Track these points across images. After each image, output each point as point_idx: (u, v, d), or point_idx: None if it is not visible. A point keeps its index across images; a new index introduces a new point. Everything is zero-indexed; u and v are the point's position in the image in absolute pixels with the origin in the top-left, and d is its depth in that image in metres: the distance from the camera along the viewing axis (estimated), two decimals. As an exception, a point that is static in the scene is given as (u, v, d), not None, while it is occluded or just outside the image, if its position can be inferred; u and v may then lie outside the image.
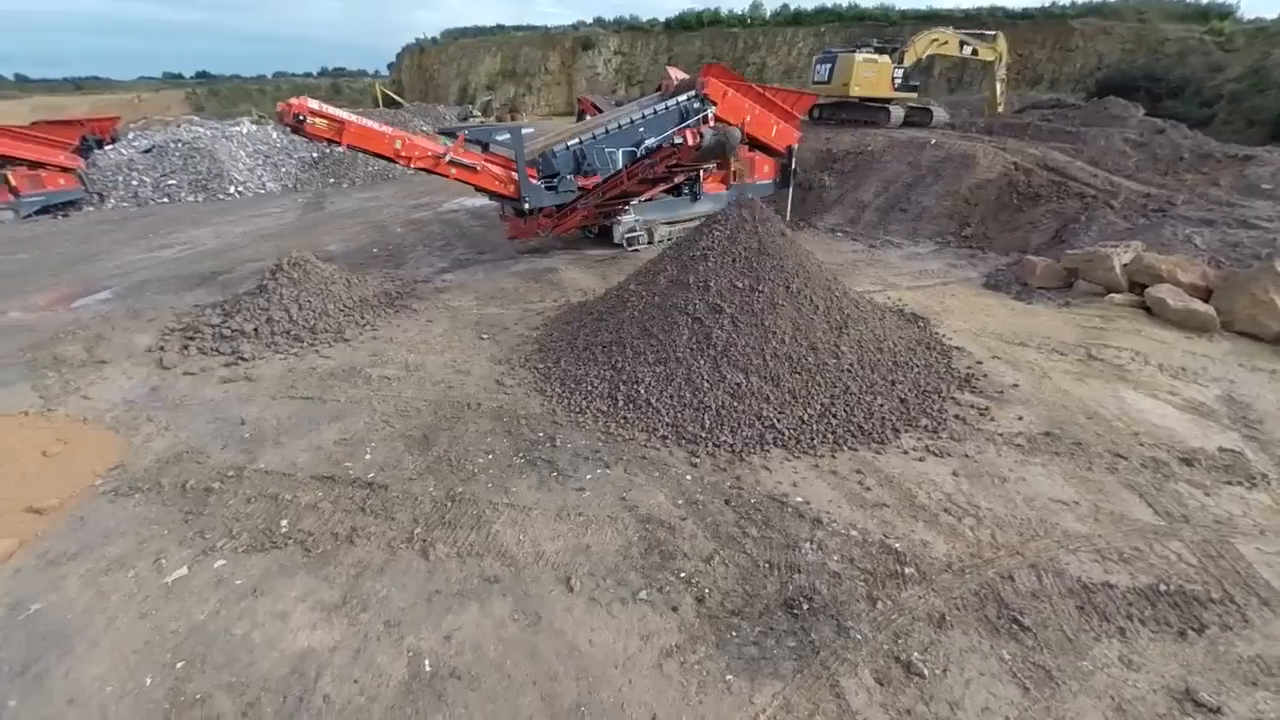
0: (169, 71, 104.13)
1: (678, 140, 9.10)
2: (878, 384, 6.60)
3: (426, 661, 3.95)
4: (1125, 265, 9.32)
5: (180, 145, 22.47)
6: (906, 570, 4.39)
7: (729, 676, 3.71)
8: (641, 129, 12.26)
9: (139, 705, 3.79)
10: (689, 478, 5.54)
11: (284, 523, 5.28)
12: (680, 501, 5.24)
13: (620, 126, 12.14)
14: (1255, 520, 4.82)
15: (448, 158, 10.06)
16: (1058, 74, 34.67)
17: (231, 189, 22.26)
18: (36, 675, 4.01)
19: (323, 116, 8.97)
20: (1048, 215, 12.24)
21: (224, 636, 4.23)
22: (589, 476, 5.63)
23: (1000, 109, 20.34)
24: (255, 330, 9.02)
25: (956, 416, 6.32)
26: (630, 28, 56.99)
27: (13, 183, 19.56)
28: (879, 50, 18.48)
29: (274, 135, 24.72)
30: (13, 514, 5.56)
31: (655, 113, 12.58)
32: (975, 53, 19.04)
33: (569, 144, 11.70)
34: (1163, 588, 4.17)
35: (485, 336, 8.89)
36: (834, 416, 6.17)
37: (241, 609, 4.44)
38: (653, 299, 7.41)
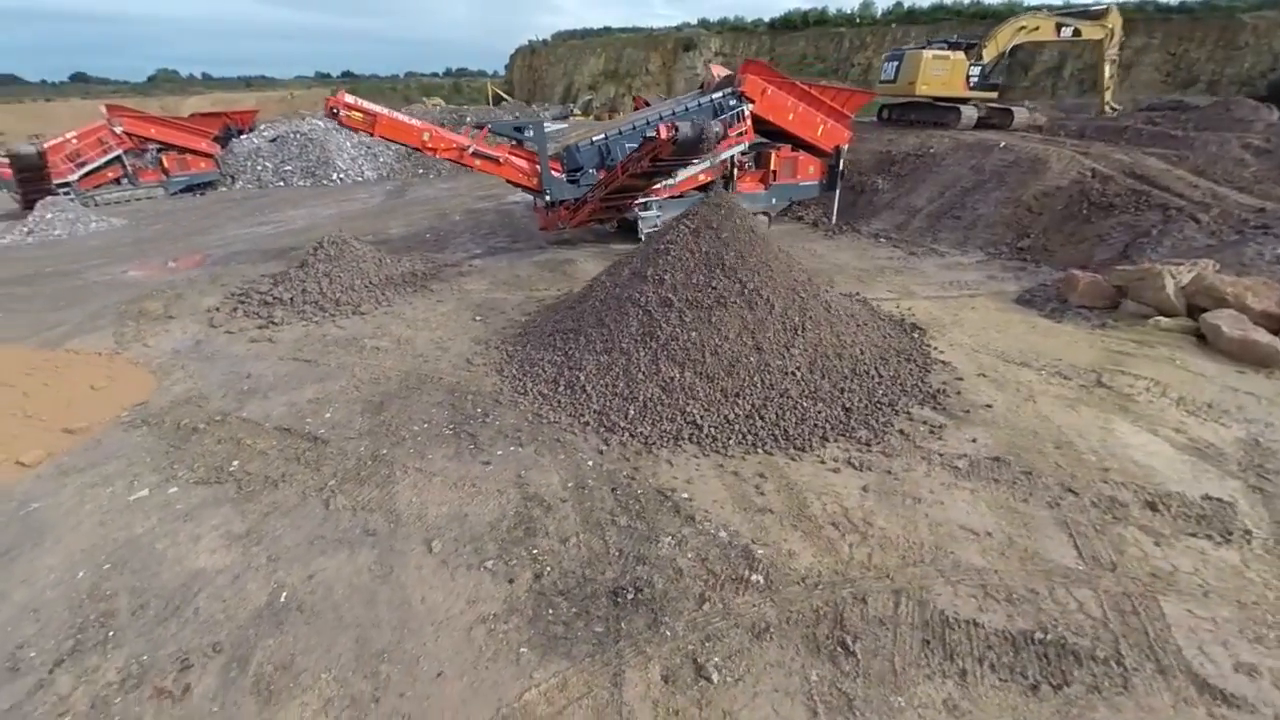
0: (320, 71, 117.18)
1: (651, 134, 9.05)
2: (823, 391, 6.25)
3: (284, 594, 4.36)
4: (1183, 286, 8.05)
5: (298, 136, 25.36)
6: (754, 578, 4.20)
7: (523, 649, 3.78)
8: (676, 125, 12.25)
9: (66, 592, 4.51)
10: (590, 464, 5.60)
11: (235, 463, 5.97)
12: (570, 485, 5.32)
13: (648, 122, 12.22)
14: (1204, 580, 4.09)
15: (470, 149, 10.68)
16: (1218, 75, 30.10)
17: (334, 176, 24.83)
18: (11, 557, 4.88)
19: (358, 110, 9.89)
20: (1119, 228, 10.78)
21: (148, 549, 4.90)
22: (500, 452, 5.85)
23: (1111, 101, 17.94)
24: (290, 299, 10.13)
25: (901, 432, 5.85)
26: (733, 28, 56.55)
27: (165, 165, 23.07)
28: (954, 46, 17.06)
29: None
30: (51, 432, 6.72)
31: (686, 109, 12.54)
32: (1078, 33, 16.90)
33: (594, 139, 11.97)
34: (1039, 635, 3.68)
35: (479, 319, 9.38)
36: (761, 419, 5.94)
37: (170, 528, 5.11)
38: (613, 290, 7.48)
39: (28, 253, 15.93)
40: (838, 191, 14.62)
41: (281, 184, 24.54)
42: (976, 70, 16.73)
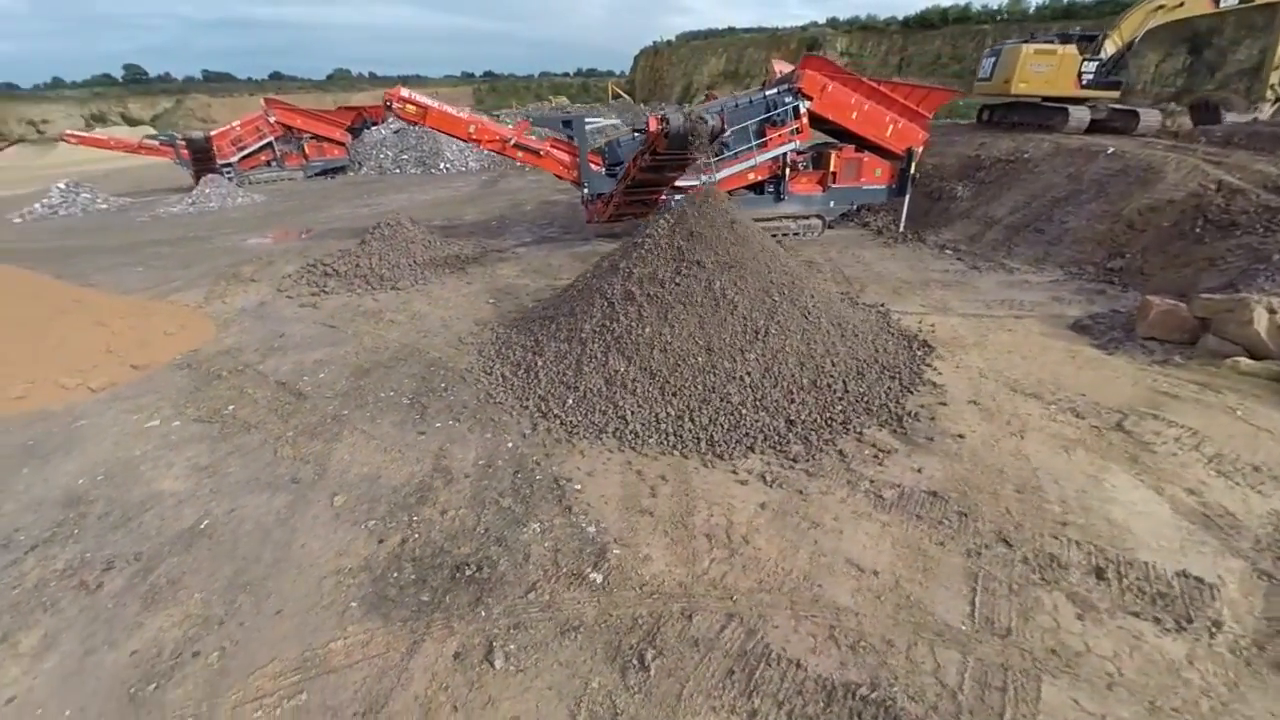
0: (465, 70, 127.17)
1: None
2: (770, 400, 5.86)
3: (206, 522, 4.94)
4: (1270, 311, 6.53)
5: (416, 129, 27.80)
6: (593, 576, 4.08)
7: (353, 604, 3.99)
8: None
9: (65, 493, 5.45)
10: (510, 445, 5.71)
11: (230, 408, 6.81)
12: (481, 463, 5.47)
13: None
14: (1118, 670, 3.35)
15: (512, 141, 11.17)
16: None
17: (442, 165, 26.97)
18: (45, 459, 5.97)
19: (411, 103, 10.72)
20: (1237, 251, 8.88)
21: (134, 469, 5.76)
22: (438, 425, 6.15)
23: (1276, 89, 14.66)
24: (344, 272, 11.25)
25: (841, 452, 5.34)
26: (862, 27, 53.60)
27: (305, 151, 26.35)
28: (1067, 39, 14.86)
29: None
30: (121, 366, 8.05)
31: (736, 105, 12.17)
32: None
33: (635, 134, 11.99)
34: (863, 692, 3.24)
35: (492, 301, 9.83)
36: (691, 421, 5.70)
37: (157, 455, 5.97)
38: (590, 280, 7.51)
39: (185, 220, 19.02)
40: (907, 197, 13.42)
41: (398, 171, 27.09)
42: (1092, 66, 14.47)
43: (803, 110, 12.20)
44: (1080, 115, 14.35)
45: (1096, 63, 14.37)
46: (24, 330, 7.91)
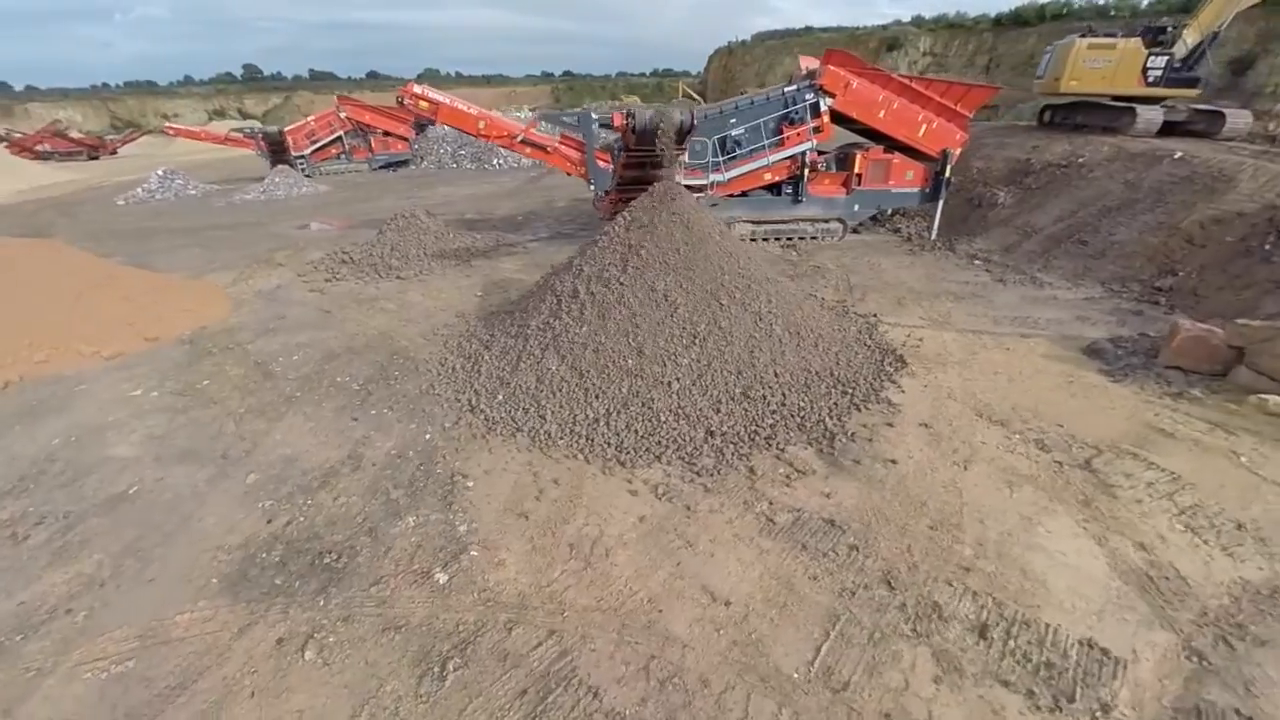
0: (546, 70, 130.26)
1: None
2: (694, 408, 5.57)
3: (135, 488, 5.27)
4: None
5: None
6: (439, 576, 4.01)
7: (214, 580, 4.12)
8: (733, 119, 11.57)
9: (39, 451, 5.96)
10: (427, 437, 5.73)
11: (206, 382, 7.26)
12: (394, 453, 5.53)
13: (706, 116, 11.68)
14: (959, 747, 2.91)
15: (520, 137, 11.27)
16: None
17: (495, 162, 27.75)
18: (39, 418, 6.57)
19: (424, 99, 11.04)
20: (1309, 270, 7.60)
21: (101, 433, 6.24)
22: (372, 413, 6.27)
23: None
24: (358, 260, 11.77)
25: (752, 470, 4.98)
26: (948, 25, 50.46)
27: (372, 145, 27.85)
28: (1141, 33, 13.19)
29: (543, 123, 29.74)
30: (135, 338, 8.76)
31: (752, 102, 11.72)
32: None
33: (603, 131, 11.78)
34: (658, 731, 2.99)
35: (480, 294, 9.96)
36: (606, 425, 5.51)
37: (125, 422, 6.44)
38: (549, 277, 7.43)
39: (252, 206, 20.57)
40: (941, 203, 12.46)
41: (454, 166, 28.14)
42: (1161, 62, 12.77)
43: (824, 108, 11.59)
44: (1150, 116, 12.74)
45: (1166, 57, 12.72)
46: (57, 301, 8.77)
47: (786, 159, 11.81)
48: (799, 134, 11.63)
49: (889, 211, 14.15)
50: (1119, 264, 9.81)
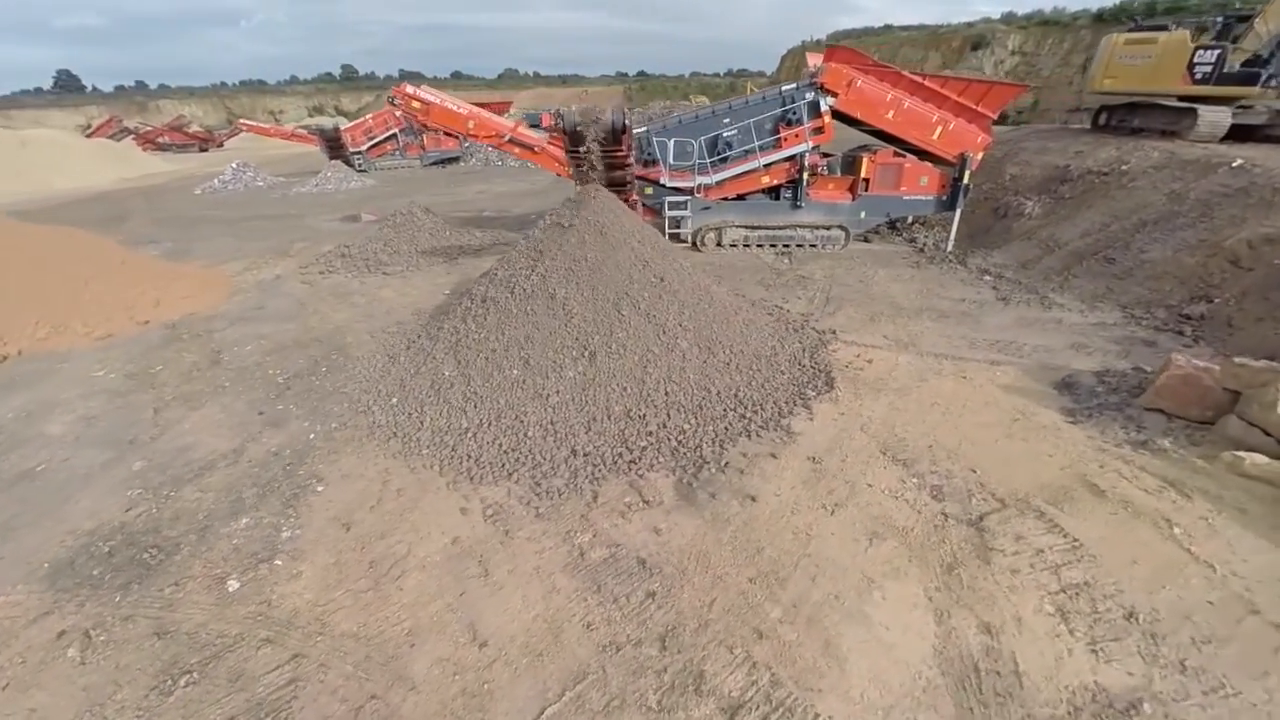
0: (620, 70, 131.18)
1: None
2: (564, 424, 5.29)
3: (42, 466, 5.62)
4: None
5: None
6: (231, 584, 3.97)
7: (46, 564, 4.28)
8: (726, 119, 11.04)
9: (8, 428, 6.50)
10: (311, 437, 5.77)
11: (159, 367, 7.69)
12: (273, 450, 5.59)
13: (696, 117, 11.22)
14: None
15: (508, 137, 11.26)
16: None
17: (537, 161, 28.11)
18: (10, 391, 7.16)
19: (416, 99, 11.26)
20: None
21: (49, 410, 6.69)
22: (279, 408, 6.40)
23: None
24: (355, 254, 12.19)
25: (595, 495, 4.65)
26: (1042, 23, 46.59)
27: (424, 142, 28.96)
28: (1212, 27, 11.37)
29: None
30: (129, 321, 9.44)
31: (746, 102, 11.13)
32: None
33: (636, 132, 11.45)
34: (336, 780, 2.78)
35: (449, 292, 10.02)
36: (474, 437, 5.33)
37: (71, 401, 6.88)
38: (478, 278, 7.32)
39: (302, 199, 21.87)
40: (958, 211, 11.37)
41: (500, 164, 28.78)
42: (1212, 56, 10.93)
43: (824, 108, 10.85)
44: (1214, 118, 10.98)
45: (1218, 51, 10.92)
46: (68, 283, 9.58)
47: (782, 161, 11.15)
48: (796, 135, 10.94)
49: (909, 220, 13.12)
50: (1146, 286, 8.56)
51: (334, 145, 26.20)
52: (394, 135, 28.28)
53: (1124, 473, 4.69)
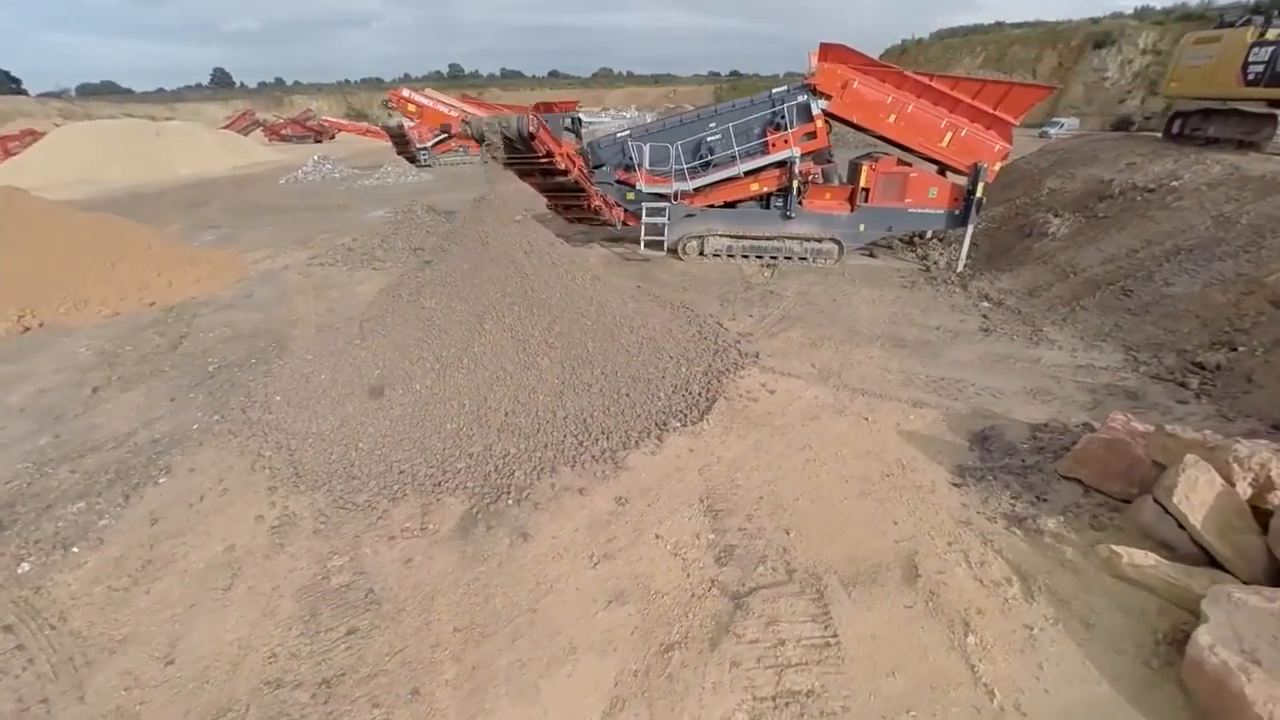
0: (712, 70, 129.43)
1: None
2: (398, 439, 5.22)
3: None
4: (1249, 496, 3.54)
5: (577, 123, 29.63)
6: (24, 566, 4.23)
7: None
8: (712, 123, 10.51)
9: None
10: (195, 427, 6.08)
11: (128, 347, 8.42)
12: (157, 436, 5.96)
13: (681, 121, 10.74)
14: None
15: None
16: None
17: (588, 159, 28.33)
18: (16, 358, 8.14)
19: (411, 102, 11.60)
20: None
21: (23, 379, 7.53)
22: (190, 396, 6.80)
23: None
24: (356, 249, 12.83)
25: (382, 514, 4.54)
26: (1181, 18, 41.09)
27: (483, 142, 30.00)
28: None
29: (645, 119, 29.70)
30: (141, 301, 10.46)
31: (733, 106, 10.52)
32: None
33: (617, 135, 11.17)
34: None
35: (414, 289, 10.27)
36: (313, 446, 5.38)
37: (42, 373, 7.68)
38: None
39: (362, 191, 23.41)
40: (970, 228, 10.15)
41: (553, 161, 29.27)
42: (1266, 54, 8.81)
43: (816, 111, 10.06)
44: None
45: (1272, 49, 8.87)
46: (97, 263, 10.75)
47: (771, 168, 10.45)
48: (784, 140, 10.21)
49: (927, 236, 11.91)
50: (1161, 325, 7.21)
51: (401, 141, 27.71)
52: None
53: (971, 555, 3.93)
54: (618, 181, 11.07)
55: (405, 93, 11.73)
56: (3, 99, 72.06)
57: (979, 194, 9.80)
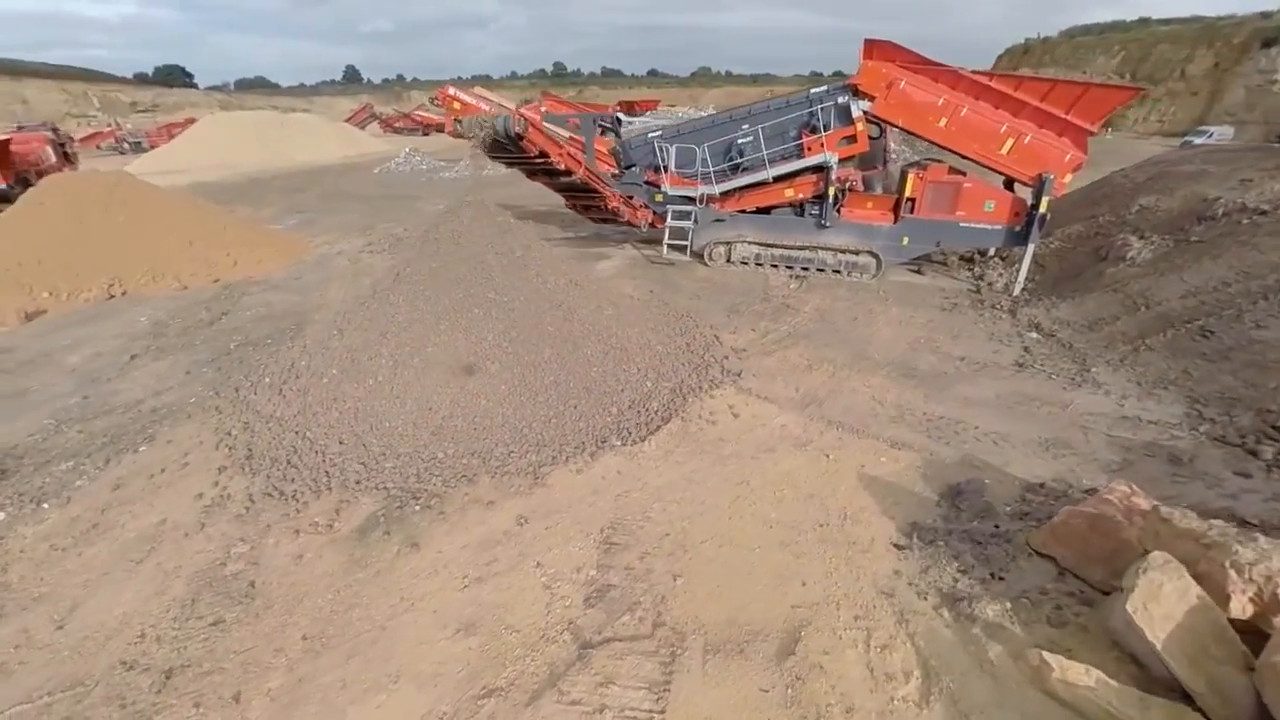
0: (814, 70, 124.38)
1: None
2: (338, 434, 5.35)
3: (31, 388, 7.19)
4: (1246, 610, 2.81)
5: (641, 126, 29.51)
6: (-7, 512, 4.73)
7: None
8: (744, 124, 10.00)
9: (50, 344, 8.48)
10: (192, 400, 6.55)
11: (175, 320, 9.28)
12: (157, 406, 6.48)
13: (715, 123, 10.29)
14: None
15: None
16: None
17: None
18: (95, 320, 9.26)
19: (457, 100, 11.98)
20: None
21: (84, 343, 8.52)
22: (204, 371, 7.35)
23: None
24: (404, 238, 13.45)
25: (302, 505, 4.65)
26: None
27: (561, 137, 30.59)
28: None
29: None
30: (207, 278, 11.53)
31: (768, 107, 9.93)
32: None
33: (649, 135, 10.88)
34: None
35: (439, 282, 10.59)
36: (273, 430, 5.63)
37: (99, 340, 8.65)
38: (387, 274, 7.63)
39: (440, 183, 24.59)
40: (1031, 246, 8.99)
41: (627, 158, 29.36)
42: None
43: (856, 113, 9.30)
44: None
45: None
46: (178, 241, 11.95)
47: (806, 173, 9.79)
48: (820, 143, 9.51)
49: (990, 253, 10.72)
50: (1241, 376, 6.01)
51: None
52: (538, 127, 30.20)
53: (875, 637, 3.40)
54: (647, 183, 10.81)
55: (451, 90, 12.12)
56: (176, 91, 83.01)
57: (1043, 208, 8.64)
